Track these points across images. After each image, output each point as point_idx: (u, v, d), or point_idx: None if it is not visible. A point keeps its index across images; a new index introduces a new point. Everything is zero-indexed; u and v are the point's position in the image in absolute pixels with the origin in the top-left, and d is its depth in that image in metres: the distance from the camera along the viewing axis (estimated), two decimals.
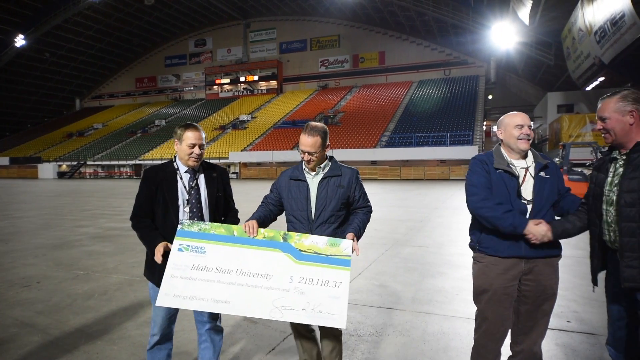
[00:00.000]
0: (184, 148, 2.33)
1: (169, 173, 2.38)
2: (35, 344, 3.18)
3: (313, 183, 2.40)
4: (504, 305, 2.22)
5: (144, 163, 44.97)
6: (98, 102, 67.74)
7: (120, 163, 46.60)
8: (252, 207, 2.57)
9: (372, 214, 2.53)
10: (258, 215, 2.42)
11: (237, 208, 2.64)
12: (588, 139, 22.97)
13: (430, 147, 33.26)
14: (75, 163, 47.82)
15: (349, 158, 35.27)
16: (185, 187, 2.37)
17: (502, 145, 2.31)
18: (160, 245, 2.21)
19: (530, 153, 2.29)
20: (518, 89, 44.01)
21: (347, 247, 2.24)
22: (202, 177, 2.44)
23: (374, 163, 35.99)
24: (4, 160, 50.72)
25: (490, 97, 43.87)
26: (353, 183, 2.41)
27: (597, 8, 18.30)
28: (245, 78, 57.25)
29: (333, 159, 2.48)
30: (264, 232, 2.28)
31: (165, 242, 2.24)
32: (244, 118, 48.59)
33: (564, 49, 25.16)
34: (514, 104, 42.92)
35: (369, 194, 2.54)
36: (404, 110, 41.42)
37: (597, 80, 25.91)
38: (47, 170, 47.51)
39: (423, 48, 48.78)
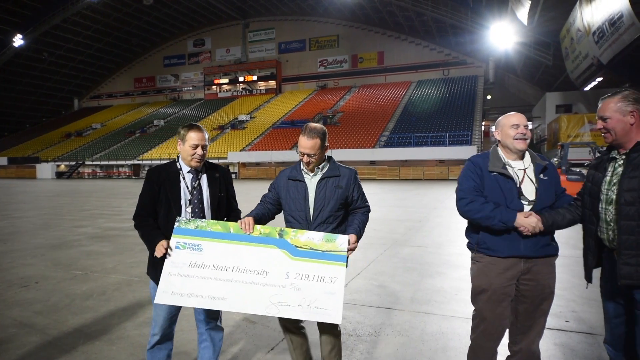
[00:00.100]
0: (187, 148, 2.34)
1: (172, 173, 2.38)
2: (34, 344, 3.18)
3: (311, 183, 2.40)
4: (503, 305, 2.22)
5: (143, 163, 44.93)
6: (97, 102, 67.65)
7: (119, 163, 46.52)
8: (251, 207, 2.57)
9: (371, 214, 2.53)
10: (255, 213, 2.43)
11: (240, 209, 2.65)
12: (586, 139, 23.02)
13: (429, 147, 33.30)
14: (74, 163, 47.74)
15: (348, 158, 35.26)
16: (188, 187, 2.38)
17: (499, 146, 2.30)
18: (162, 242, 2.23)
19: (528, 154, 2.28)
20: (517, 89, 44.07)
21: (342, 242, 2.25)
22: (204, 177, 2.44)
23: (373, 163, 36.01)
24: (2, 160, 50.60)
25: (489, 97, 43.92)
26: (351, 183, 2.41)
27: (595, 8, 18.33)
28: (244, 78, 57.23)
29: (331, 160, 2.47)
30: (260, 228, 2.29)
31: (167, 240, 2.25)
32: (243, 118, 48.56)
33: (563, 49, 25.20)
34: (513, 104, 42.94)
35: (368, 194, 2.55)
36: (403, 111, 41.45)
37: (595, 81, 25.96)
38: (45, 170, 47.41)
39: (422, 48, 48.83)
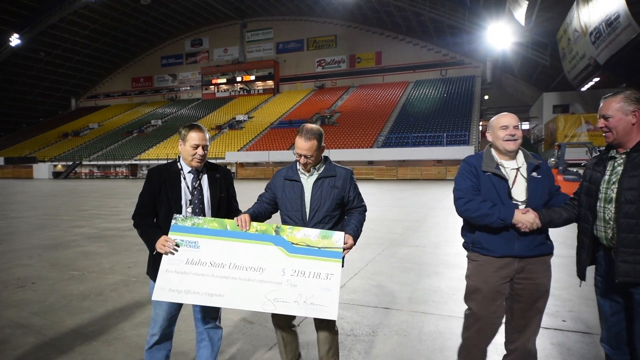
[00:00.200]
0: (188, 148, 2.34)
1: (173, 173, 2.39)
2: (31, 345, 3.17)
3: (307, 183, 2.41)
4: (497, 304, 2.24)
5: (140, 163, 44.84)
6: (94, 101, 67.45)
7: (116, 163, 46.42)
8: (248, 207, 2.57)
9: (369, 214, 2.53)
10: (252, 211, 2.44)
11: (240, 209, 2.66)
12: (583, 139, 23.09)
13: (427, 147, 33.35)
14: (71, 163, 47.60)
15: (346, 158, 35.26)
16: (189, 187, 2.38)
17: (492, 147, 2.32)
18: (164, 237, 2.24)
19: (521, 153, 2.29)
20: (514, 89, 44.18)
21: (338, 239, 2.26)
22: (205, 177, 2.45)
23: (371, 163, 36.03)
24: None
25: (487, 97, 44.03)
26: (347, 184, 2.42)
27: (592, 9, 18.39)
28: (242, 78, 57.20)
29: (327, 160, 2.48)
30: (256, 225, 2.30)
31: (166, 236, 2.26)
32: (241, 118, 48.52)
33: (560, 50, 25.27)
34: (510, 104, 43.05)
35: (366, 194, 2.55)
36: (401, 111, 41.50)
37: (592, 81, 26.05)
38: (42, 170, 47.24)
39: (419, 48, 48.90)
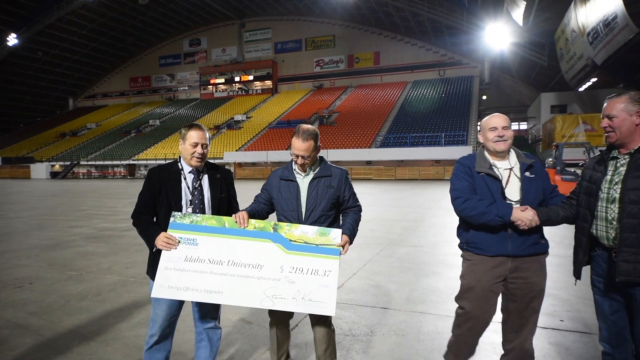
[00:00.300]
0: (187, 147, 2.35)
1: (173, 173, 2.39)
2: (28, 346, 3.16)
3: (303, 183, 2.42)
4: (489, 303, 2.28)
5: (138, 163, 44.75)
6: (91, 101, 67.28)
7: (114, 163, 46.31)
8: (246, 207, 2.57)
9: (367, 214, 2.54)
10: (250, 209, 2.45)
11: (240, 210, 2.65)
12: (581, 139, 23.16)
13: (425, 147, 33.37)
14: (69, 163, 47.46)
15: (344, 158, 35.25)
16: (189, 187, 2.38)
17: (484, 148, 2.34)
18: (163, 233, 2.25)
19: (514, 153, 2.31)
20: (512, 90, 44.26)
21: (336, 236, 2.28)
22: (205, 177, 2.44)
23: (369, 163, 36.05)
24: None
25: (485, 97, 44.08)
26: (343, 183, 2.44)
27: (590, 9, 18.45)
28: (240, 78, 57.14)
29: (323, 160, 2.50)
30: (255, 222, 2.31)
31: (167, 233, 2.27)
32: (239, 118, 48.47)
33: (558, 50, 25.34)
34: (508, 105, 43.14)
35: (364, 194, 2.57)
36: (399, 111, 41.52)
37: (589, 81, 26.09)
38: (39, 170, 47.09)
39: (418, 48, 48.93)
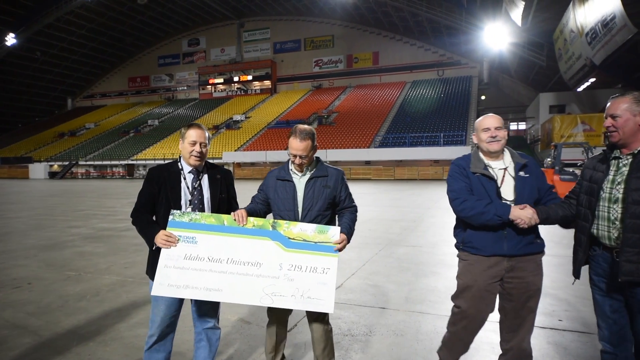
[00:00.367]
0: (186, 146, 2.35)
1: (173, 173, 2.39)
2: (27, 346, 3.15)
3: (300, 183, 2.44)
4: (485, 302, 2.28)
5: (137, 163, 44.69)
6: (90, 101, 67.18)
7: (113, 163, 46.25)
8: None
9: (366, 214, 2.55)
10: (248, 209, 2.47)
11: None
12: (579, 140, 23.18)
13: (424, 147, 33.39)
14: (67, 163, 47.38)
15: (343, 158, 35.25)
16: (189, 187, 2.38)
17: (478, 148, 2.36)
18: (163, 232, 2.25)
19: (508, 153, 2.32)
20: (511, 90, 44.30)
21: (334, 234, 2.29)
22: (205, 177, 2.44)
23: (368, 163, 36.06)
24: None
25: (483, 97, 44.10)
26: (339, 184, 2.47)
27: (588, 9, 18.47)
28: (239, 78, 57.10)
29: (319, 160, 2.52)
30: (253, 220, 2.32)
31: (166, 230, 2.26)
32: (238, 118, 48.44)
33: (556, 50, 25.37)
34: (507, 105, 43.17)
35: (363, 194, 2.58)
36: (398, 111, 41.54)
37: (588, 81, 26.12)
38: (38, 171, 47.00)
39: (417, 49, 48.96)
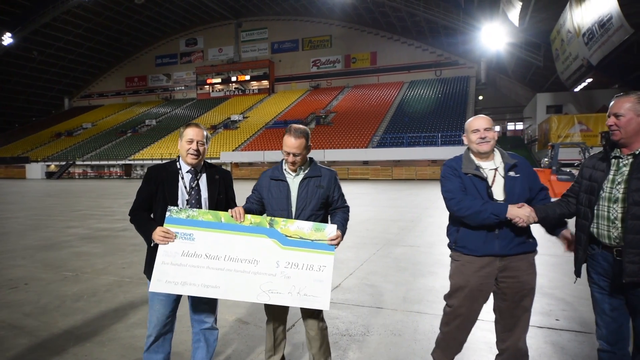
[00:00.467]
0: (183, 144, 2.36)
1: (171, 172, 2.39)
2: (23, 347, 3.14)
3: (294, 183, 2.45)
4: (479, 302, 2.31)
5: (134, 163, 44.60)
6: (87, 101, 67.01)
7: (110, 163, 46.13)
8: None
9: (365, 215, 2.56)
10: (245, 207, 2.47)
11: None
12: (576, 140, 23.24)
13: (422, 147, 33.43)
14: (64, 163, 47.25)
15: (341, 158, 35.27)
16: (186, 187, 2.38)
17: (469, 149, 2.38)
18: (160, 228, 2.24)
19: (498, 154, 2.34)
20: (508, 90, 44.40)
21: (331, 232, 2.30)
22: (204, 178, 2.44)
23: (366, 163, 36.08)
24: None
25: (481, 97, 44.18)
26: (332, 184, 2.49)
27: (585, 10, 18.54)
28: (237, 78, 57.06)
29: (313, 160, 2.54)
30: (251, 218, 2.33)
31: (163, 227, 2.26)
32: (236, 118, 48.40)
33: (553, 51, 25.44)
34: (504, 105, 43.28)
35: (361, 194, 2.58)
36: (396, 111, 41.59)
37: (585, 82, 26.24)
38: (35, 170, 46.86)
39: (414, 49, 49.03)
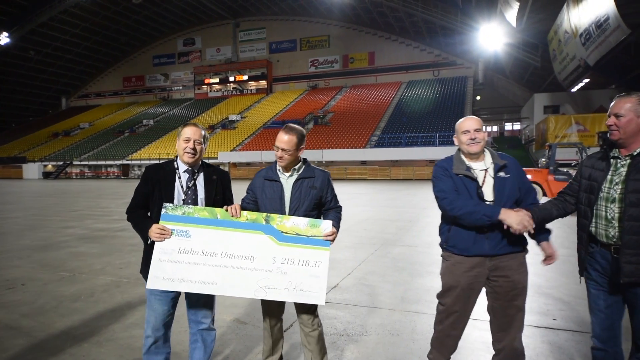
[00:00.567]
0: (181, 143, 2.36)
1: (168, 172, 2.38)
2: (20, 347, 3.13)
3: (287, 184, 2.47)
4: (471, 300, 2.34)
5: (132, 163, 44.49)
6: (85, 101, 66.79)
7: (108, 163, 46.01)
8: None
9: (362, 215, 2.57)
10: (242, 206, 2.48)
11: None
12: (573, 140, 23.32)
13: (420, 147, 33.45)
14: (61, 163, 47.07)
15: (339, 158, 35.27)
16: (183, 187, 2.37)
17: (460, 150, 2.40)
18: (156, 225, 2.24)
19: (488, 154, 2.36)
20: (505, 90, 44.50)
21: (326, 228, 2.33)
22: (201, 178, 2.43)
23: (364, 163, 36.10)
24: None
25: (479, 97, 44.28)
26: (325, 185, 2.51)
27: (582, 11, 18.60)
28: (235, 78, 57.00)
29: (306, 161, 2.55)
30: (247, 214, 2.34)
31: (159, 224, 2.25)
32: (234, 118, 48.34)
33: (550, 51, 25.51)
34: (502, 105, 43.40)
35: (359, 194, 2.59)
36: (394, 111, 41.62)
37: (582, 82, 26.29)
38: (32, 171, 46.68)
39: (412, 49, 49.08)
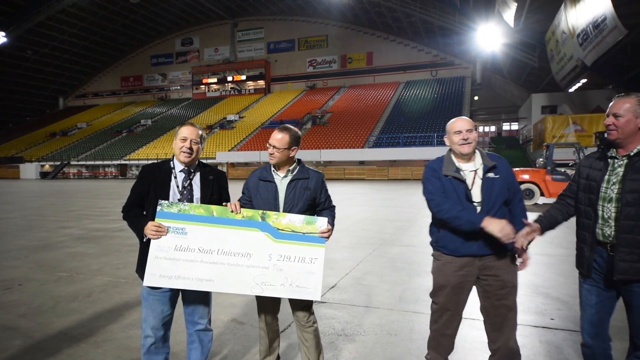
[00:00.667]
0: (177, 142, 2.35)
1: (164, 171, 2.38)
2: (17, 348, 3.12)
3: (282, 184, 2.48)
4: (462, 298, 2.37)
5: (130, 163, 44.40)
6: (82, 101, 66.62)
7: (105, 163, 45.93)
8: None
9: (360, 214, 2.58)
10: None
11: None
12: (571, 140, 23.37)
13: (418, 147, 33.47)
14: (59, 163, 46.95)
15: (337, 158, 35.27)
16: (178, 186, 2.36)
17: (451, 151, 2.39)
18: (152, 222, 2.24)
19: (479, 155, 2.35)
20: (503, 90, 44.60)
21: (322, 225, 2.36)
22: (197, 177, 2.42)
23: (362, 163, 36.12)
24: None
25: (476, 98, 44.35)
26: (319, 186, 2.53)
27: (580, 11, 18.65)
28: (233, 78, 56.96)
29: (301, 162, 2.56)
30: (243, 212, 2.36)
31: (155, 221, 2.25)
32: (232, 118, 48.31)
33: (548, 51, 25.57)
34: (500, 105, 43.48)
35: (357, 194, 2.60)
36: (392, 111, 41.66)
37: (579, 82, 26.35)
38: (29, 171, 46.53)
39: (410, 49, 49.12)
